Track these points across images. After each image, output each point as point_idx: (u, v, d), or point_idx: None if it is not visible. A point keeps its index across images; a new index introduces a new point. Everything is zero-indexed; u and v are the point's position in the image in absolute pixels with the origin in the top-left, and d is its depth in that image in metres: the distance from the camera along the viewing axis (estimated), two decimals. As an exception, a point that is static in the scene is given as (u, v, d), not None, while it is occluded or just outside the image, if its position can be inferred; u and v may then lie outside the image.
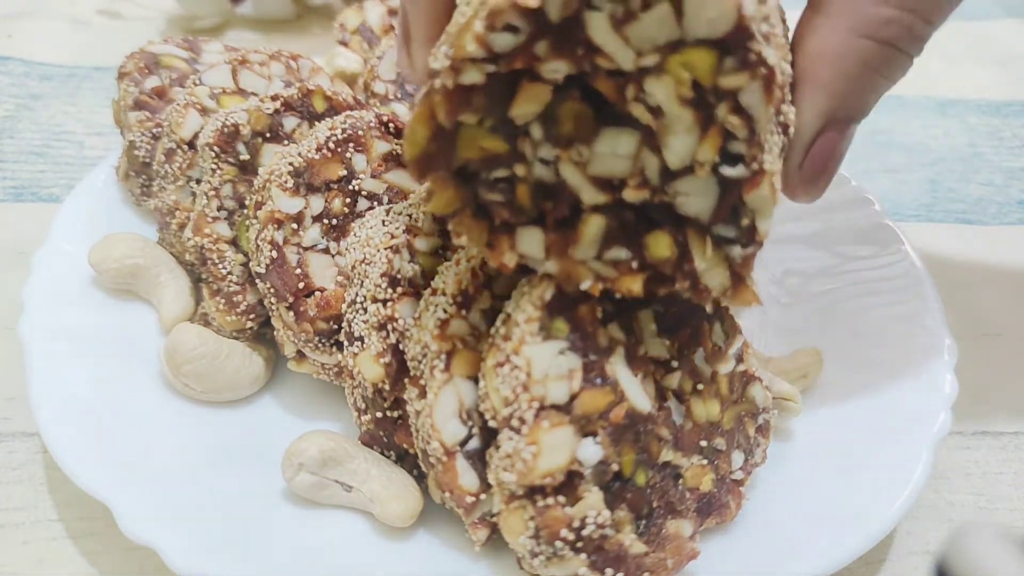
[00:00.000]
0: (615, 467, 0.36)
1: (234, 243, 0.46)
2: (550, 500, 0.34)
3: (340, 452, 0.41)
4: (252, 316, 0.46)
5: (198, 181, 0.49)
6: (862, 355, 0.48)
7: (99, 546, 0.42)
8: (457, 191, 0.34)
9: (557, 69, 0.31)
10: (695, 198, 0.33)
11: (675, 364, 0.39)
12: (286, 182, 0.44)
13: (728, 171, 0.32)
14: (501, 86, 0.32)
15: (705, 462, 0.39)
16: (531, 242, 0.35)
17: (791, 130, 0.34)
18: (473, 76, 0.31)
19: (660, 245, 0.34)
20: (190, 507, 0.40)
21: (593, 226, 0.34)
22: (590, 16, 0.30)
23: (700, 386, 0.40)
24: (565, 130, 0.33)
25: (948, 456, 0.45)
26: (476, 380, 0.38)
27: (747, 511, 0.41)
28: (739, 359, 0.41)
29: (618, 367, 0.36)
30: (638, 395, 0.36)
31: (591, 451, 0.35)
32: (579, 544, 0.34)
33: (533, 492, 0.34)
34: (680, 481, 0.38)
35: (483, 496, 0.37)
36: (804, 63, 0.34)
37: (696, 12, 0.29)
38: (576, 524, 0.34)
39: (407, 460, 0.42)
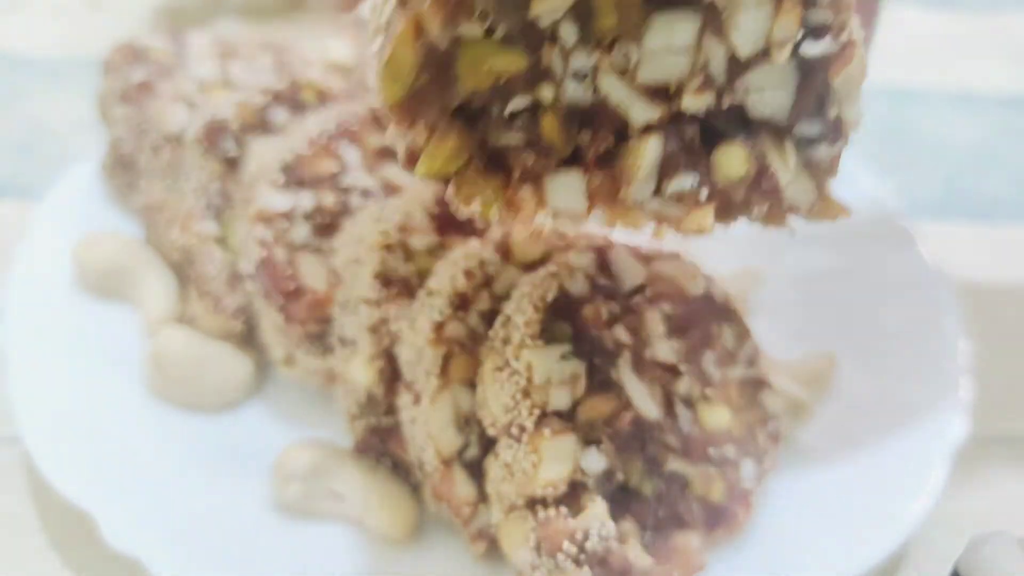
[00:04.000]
0: (620, 477, 0.35)
1: (222, 242, 0.46)
2: (551, 511, 0.33)
3: (332, 461, 0.40)
4: (241, 318, 0.46)
5: (186, 178, 0.48)
6: (876, 359, 0.47)
7: (83, 556, 0.41)
8: (461, 138, 0.26)
9: None
10: (771, 92, 0.27)
11: (683, 368, 0.38)
12: (276, 178, 0.43)
13: (812, 49, 0.25)
14: None
15: (714, 471, 0.38)
16: (568, 191, 0.28)
17: None
18: None
19: (733, 161, 0.28)
20: (176, 517, 0.39)
21: (649, 152, 0.27)
22: None
23: (709, 391, 0.39)
24: (606, 24, 0.25)
25: (964, 463, 0.45)
26: (474, 385, 0.37)
27: (756, 521, 0.40)
28: (750, 363, 0.40)
29: (624, 372, 0.36)
30: (645, 401, 0.36)
31: (595, 460, 0.34)
32: (582, 557, 0.33)
33: (534, 503, 0.34)
34: (688, 491, 0.38)
35: (481, 507, 0.37)
36: None
37: None
38: (579, 536, 0.33)
39: (402, 469, 0.41)
